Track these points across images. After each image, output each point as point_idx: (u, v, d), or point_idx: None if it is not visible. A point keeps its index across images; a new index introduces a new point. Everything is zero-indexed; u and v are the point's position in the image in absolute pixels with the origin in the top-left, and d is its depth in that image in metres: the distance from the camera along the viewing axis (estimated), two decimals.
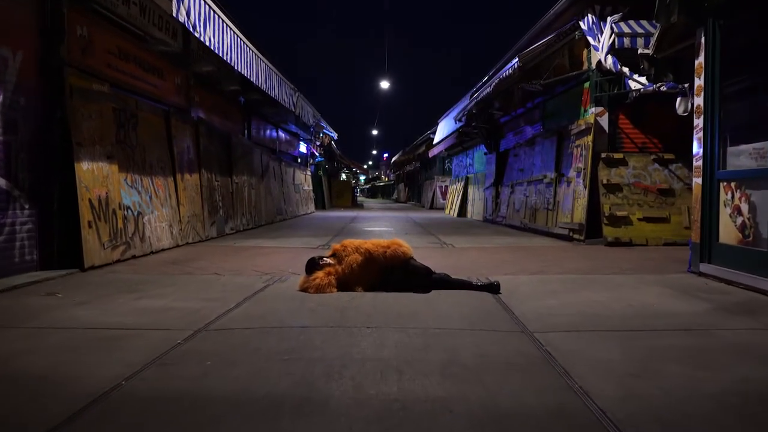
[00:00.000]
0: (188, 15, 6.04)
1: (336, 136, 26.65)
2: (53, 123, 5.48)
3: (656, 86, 7.09)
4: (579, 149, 8.90)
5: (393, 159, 50.63)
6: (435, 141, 23.65)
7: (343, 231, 11.22)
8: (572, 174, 9.04)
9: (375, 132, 66.51)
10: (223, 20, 7.11)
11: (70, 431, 1.90)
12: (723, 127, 4.97)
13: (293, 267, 5.63)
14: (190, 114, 9.06)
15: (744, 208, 4.57)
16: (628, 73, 7.62)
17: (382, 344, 2.86)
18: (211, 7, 6.70)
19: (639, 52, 6.79)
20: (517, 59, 9.08)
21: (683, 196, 8.25)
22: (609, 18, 7.81)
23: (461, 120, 15.64)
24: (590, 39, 8.18)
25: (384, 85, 32.89)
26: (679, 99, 6.81)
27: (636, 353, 2.70)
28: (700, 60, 5.15)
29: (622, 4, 8.17)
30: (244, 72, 8.36)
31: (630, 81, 7.77)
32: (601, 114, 8.67)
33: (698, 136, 5.22)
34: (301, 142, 21.06)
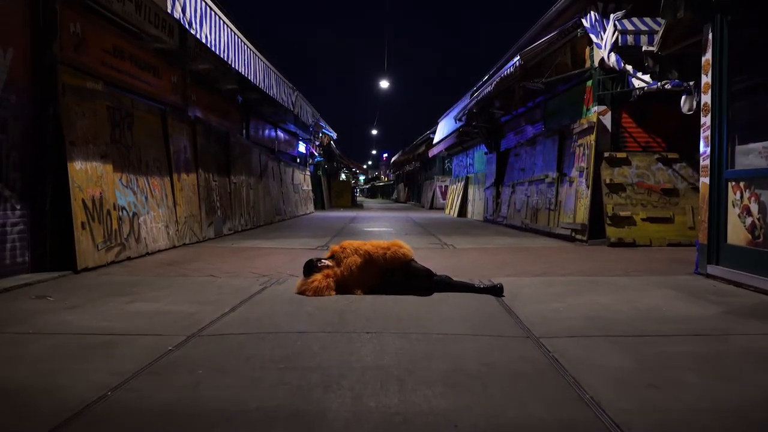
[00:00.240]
0: (183, 11, 5.91)
1: (335, 136, 26.52)
2: (45, 122, 5.35)
3: (660, 84, 6.95)
4: (581, 148, 8.78)
5: (393, 159, 50.48)
6: (435, 141, 23.55)
7: (343, 231, 11.10)
8: (574, 173, 8.92)
9: (374, 132, 66.36)
10: (220, 17, 6.98)
11: None
12: (731, 125, 4.85)
13: (291, 269, 5.51)
14: (187, 113, 8.94)
15: (754, 209, 4.45)
16: (632, 71, 7.48)
17: (382, 351, 2.74)
18: (208, 4, 6.57)
19: (643, 50, 6.67)
20: (519, 57, 8.97)
21: (687, 196, 8.14)
22: (612, 15, 7.67)
23: (461, 119, 15.53)
24: (593, 36, 8.05)
25: (383, 85, 32.74)
26: (684, 97, 6.69)
27: (649, 361, 2.57)
28: (708, 57, 5.03)
29: (626, 1, 8.06)
30: (242, 70, 8.24)
31: (633, 79, 7.63)
32: (604, 113, 8.55)
33: (705, 135, 5.10)
34: (300, 142, 20.93)
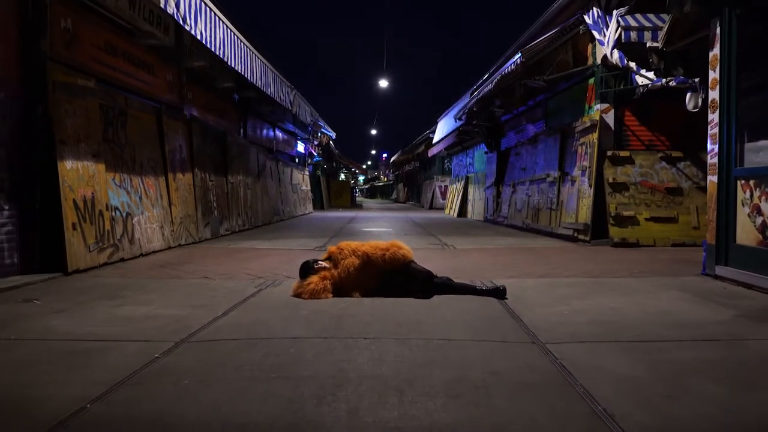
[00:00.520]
0: (177, 7, 5.76)
1: (334, 136, 26.40)
2: (35, 120, 5.20)
3: (665, 81, 6.81)
4: (584, 147, 8.63)
5: (392, 159, 50.34)
6: (434, 140, 23.41)
7: (341, 232, 10.95)
8: (576, 173, 8.77)
9: (374, 132, 66.19)
10: (215, 13, 6.83)
11: None
12: (740, 122, 4.70)
13: (288, 270, 5.37)
14: (183, 111, 8.78)
15: (765, 208, 4.30)
16: (635, 68, 7.34)
17: (381, 359, 2.59)
18: (203, 0, 6.42)
19: (648, 46, 6.53)
20: (520, 54, 8.82)
21: (692, 196, 8.00)
22: (615, 11, 7.52)
23: (461, 118, 15.39)
24: (595, 33, 7.90)
25: (383, 84, 32.55)
26: (689, 94, 6.54)
27: (663, 369, 2.43)
28: (715, 52, 4.88)
29: None
30: (238, 68, 8.09)
31: (637, 76, 7.49)
32: (607, 111, 8.40)
33: (713, 132, 4.95)
34: (299, 142, 20.78)
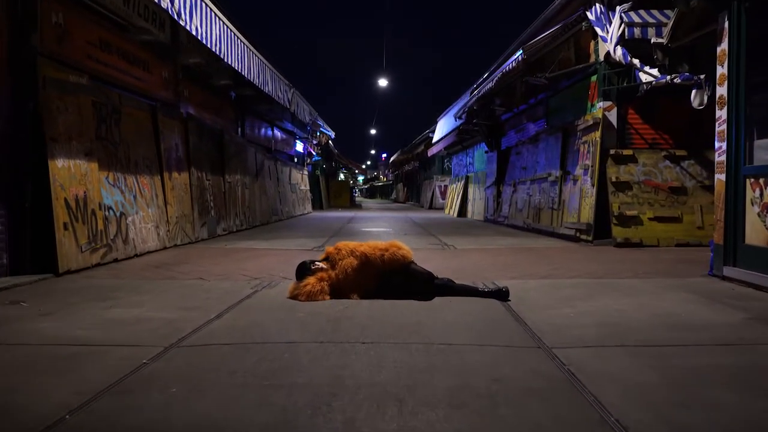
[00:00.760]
0: (172, 2, 5.63)
1: (334, 135, 26.27)
2: (25, 117, 5.07)
3: (670, 78, 6.68)
4: (586, 146, 8.51)
5: (391, 159, 50.19)
6: (434, 140, 23.29)
7: (340, 232, 10.83)
8: (579, 172, 8.65)
9: (373, 132, 66.11)
10: (211, 9, 6.70)
11: None
12: (749, 119, 4.58)
13: (285, 271, 5.25)
14: (179, 109, 8.66)
15: None
16: (639, 65, 7.21)
17: (379, 365, 2.47)
18: None
19: (652, 42, 6.41)
20: (522, 51, 8.70)
21: (696, 195, 7.88)
22: (618, 7, 7.40)
23: (461, 117, 15.27)
24: (598, 29, 7.78)
25: (382, 84, 32.44)
26: (695, 91, 6.43)
27: (675, 375, 2.31)
28: (723, 47, 4.76)
29: None
30: (235, 65, 7.96)
31: (641, 73, 7.37)
32: (610, 108, 8.28)
33: (720, 129, 4.83)
34: (298, 141, 20.65)
